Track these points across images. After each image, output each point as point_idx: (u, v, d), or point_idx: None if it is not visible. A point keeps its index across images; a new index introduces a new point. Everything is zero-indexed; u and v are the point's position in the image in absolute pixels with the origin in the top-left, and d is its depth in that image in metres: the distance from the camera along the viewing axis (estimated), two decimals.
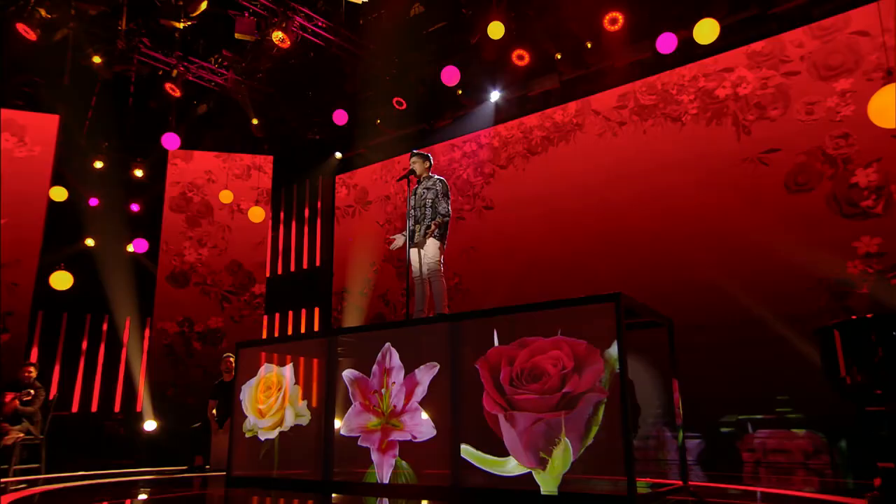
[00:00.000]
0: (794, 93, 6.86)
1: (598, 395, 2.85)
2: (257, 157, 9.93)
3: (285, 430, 4.26)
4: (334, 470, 3.84)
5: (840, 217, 6.40)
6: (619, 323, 2.88)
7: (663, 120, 7.66)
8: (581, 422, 2.87)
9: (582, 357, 2.93)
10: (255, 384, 4.54)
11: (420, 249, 4.71)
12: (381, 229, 9.89)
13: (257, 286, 9.41)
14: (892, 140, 6.28)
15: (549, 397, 3.02)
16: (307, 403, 4.17)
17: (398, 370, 3.65)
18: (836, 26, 6.81)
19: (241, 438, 4.52)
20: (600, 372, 2.85)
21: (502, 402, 3.22)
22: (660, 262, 7.26)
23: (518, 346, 3.24)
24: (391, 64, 8.57)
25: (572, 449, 2.88)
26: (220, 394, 6.59)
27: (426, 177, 5.01)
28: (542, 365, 3.10)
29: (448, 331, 3.50)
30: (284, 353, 4.60)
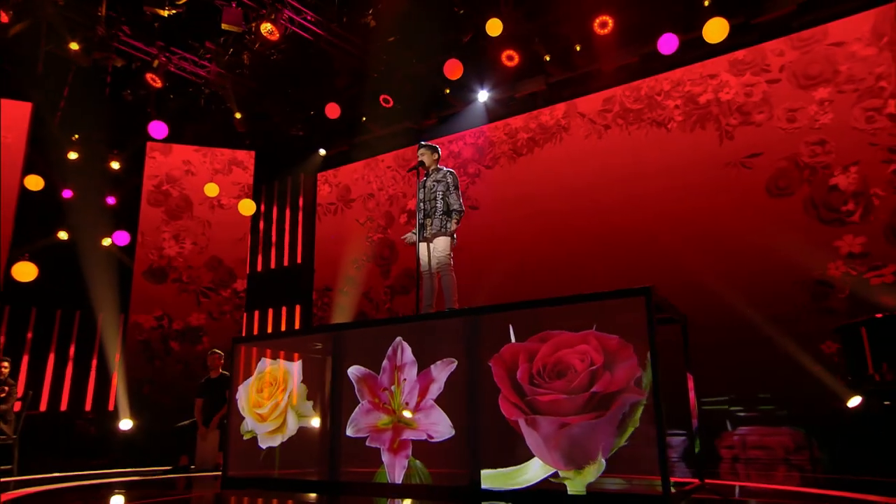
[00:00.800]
0: (775, 100, 6.91)
1: (634, 396, 2.69)
2: (239, 151, 9.57)
3: (289, 436, 3.97)
4: (341, 470, 3.60)
5: (818, 222, 6.47)
6: (651, 317, 2.75)
7: (648, 124, 7.64)
8: (614, 424, 2.71)
9: (613, 352, 2.78)
10: (252, 383, 4.25)
11: (429, 244, 4.52)
12: (362, 228, 9.64)
13: (238, 283, 9.03)
14: (869, 147, 6.38)
15: (577, 397, 2.85)
16: (312, 404, 3.90)
17: (411, 366, 3.45)
18: (814, 38, 6.89)
19: (237, 438, 4.23)
20: (635, 369, 2.70)
21: (522, 406, 3.03)
22: (644, 263, 7.22)
23: (539, 340, 3.07)
24: (379, 61, 8.34)
25: (604, 451, 2.73)
26: (207, 392, 6.25)
27: (435, 169, 4.82)
28: (567, 360, 2.93)
29: (464, 325, 3.31)
30: (278, 349, 4.34)
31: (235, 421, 4.24)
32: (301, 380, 3.98)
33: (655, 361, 2.69)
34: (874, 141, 6.36)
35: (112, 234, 9.01)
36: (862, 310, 6.14)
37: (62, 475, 5.35)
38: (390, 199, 9.50)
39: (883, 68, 6.50)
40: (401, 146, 9.46)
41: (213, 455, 5.87)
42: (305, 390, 3.95)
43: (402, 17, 7.69)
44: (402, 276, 9.07)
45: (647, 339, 2.74)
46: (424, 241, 4.55)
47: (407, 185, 9.38)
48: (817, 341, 6.17)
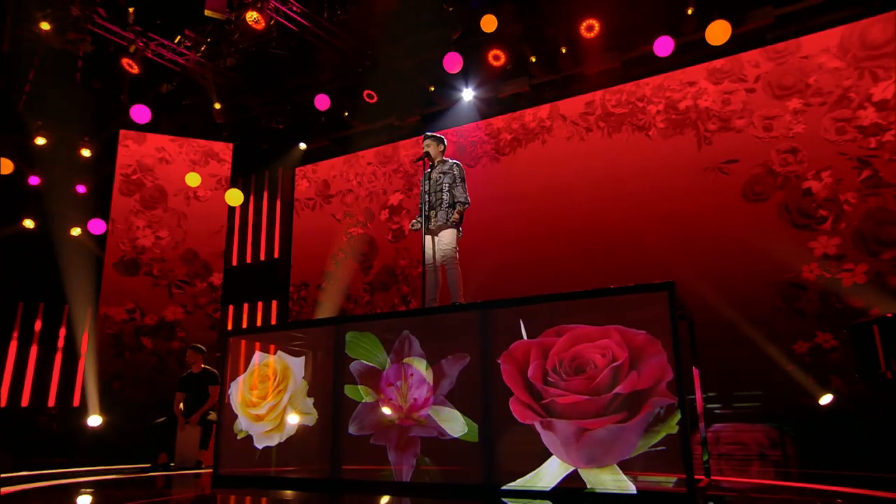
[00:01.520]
0: (751, 108, 7.02)
1: (666, 399, 2.59)
2: (216, 143, 9.20)
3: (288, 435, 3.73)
4: (343, 468, 3.42)
5: (792, 227, 6.59)
6: (673, 313, 2.68)
7: (629, 127, 7.66)
8: (642, 427, 2.60)
9: (639, 348, 2.69)
10: (244, 379, 4.01)
11: (434, 236, 4.37)
12: (341, 224, 9.41)
13: (215, 276, 8.68)
14: (839, 156, 6.55)
15: (599, 398, 2.74)
16: (314, 401, 3.68)
17: (419, 360, 3.30)
18: (788, 50, 7.03)
19: (229, 434, 3.99)
20: (665, 368, 2.61)
21: (537, 408, 2.91)
22: (623, 263, 7.22)
23: (554, 334, 2.96)
24: (364, 56, 8.14)
25: (628, 452, 2.63)
26: (188, 386, 5.94)
27: (440, 160, 4.67)
28: (586, 354, 2.82)
29: (477, 320, 3.18)
30: (274, 342, 4.11)
31: (228, 418, 4.01)
32: (303, 376, 3.77)
33: (678, 358, 2.62)
34: (844, 150, 6.52)
35: (82, 223, 8.52)
36: (832, 311, 6.31)
37: (36, 474, 4.98)
38: (370, 195, 9.29)
39: (850, 82, 6.67)
40: (382, 143, 9.26)
41: (194, 452, 5.58)
42: (306, 387, 3.74)
43: (390, 11, 7.52)
44: (382, 272, 8.88)
45: (668, 335, 2.67)
46: (429, 233, 4.40)
47: (388, 182, 9.20)
48: (790, 342, 6.30)
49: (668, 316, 2.68)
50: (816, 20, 6.98)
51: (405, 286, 8.70)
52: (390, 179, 9.20)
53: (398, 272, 8.80)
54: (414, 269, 8.67)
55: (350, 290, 8.87)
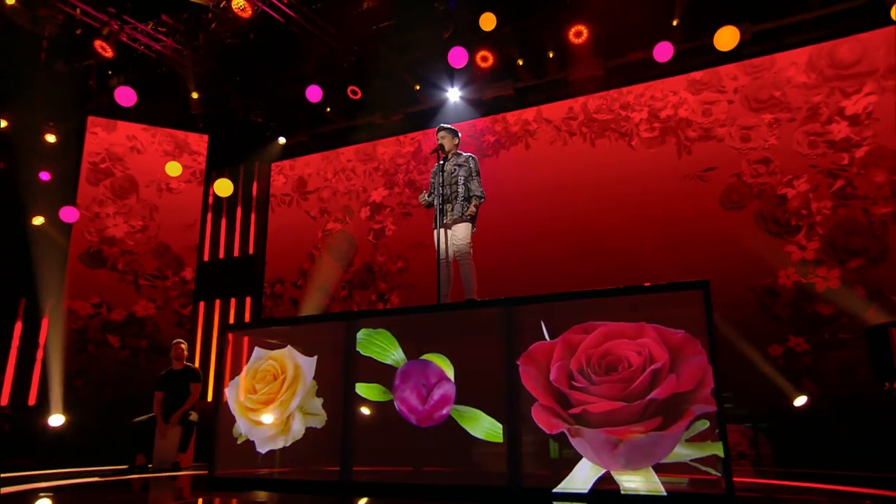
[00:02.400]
0: (729, 120, 7.15)
1: (708, 407, 2.48)
2: (191, 134, 8.76)
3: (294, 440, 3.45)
4: (353, 470, 3.21)
5: (768, 235, 6.73)
6: (709, 312, 2.61)
7: (612, 134, 7.69)
8: (681, 435, 2.49)
9: (677, 348, 2.60)
10: (244, 379, 3.72)
11: (448, 230, 4.20)
12: (318, 221, 9.12)
13: (187, 271, 8.24)
14: (811, 169, 6.72)
15: (633, 405, 2.59)
16: (323, 402, 3.44)
17: (441, 358, 3.12)
18: (763, 66, 7.20)
19: (227, 436, 3.71)
20: (706, 370, 2.51)
21: (564, 415, 2.76)
22: (604, 266, 7.21)
23: (582, 331, 2.83)
24: (350, 51, 7.90)
25: (664, 456, 2.52)
26: (169, 385, 5.56)
27: (455, 153, 4.50)
28: (618, 351, 2.69)
29: (501, 317, 3.04)
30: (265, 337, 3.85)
31: (225, 421, 3.71)
32: (313, 376, 3.52)
33: (715, 359, 2.55)
34: (815, 163, 6.71)
35: (45, 212, 7.93)
36: (805, 316, 6.47)
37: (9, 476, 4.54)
38: (349, 193, 9.04)
39: (819, 98, 6.87)
40: (363, 140, 9.03)
41: (173, 454, 5.22)
42: (316, 387, 3.50)
43: (379, 7, 7.32)
44: (361, 270, 8.64)
45: (705, 335, 2.59)
46: (443, 227, 4.22)
47: (368, 180, 8.97)
48: (765, 344, 6.42)
49: (704, 315, 2.61)
50: (790, 38, 7.17)
51: (382, 283, 8.48)
52: (371, 177, 8.97)
53: (376, 269, 8.57)
54: (392, 265, 8.47)
55: (329, 287, 8.59)
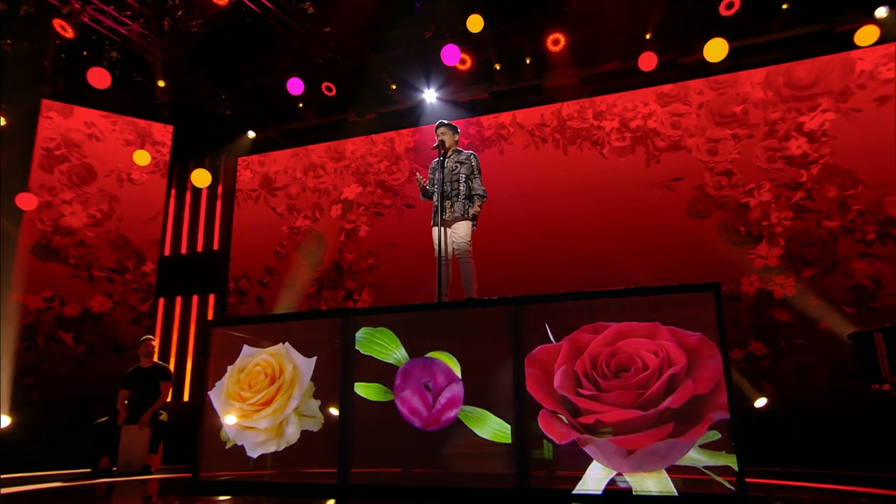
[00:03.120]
0: (695, 132, 7.36)
1: (724, 414, 2.45)
2: (155, 124, 8.31)
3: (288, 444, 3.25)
4: (351, 472, 3.05)
5: (730, 244, 6.95)
6: (720, 314, 2.62)
7: (585, 142, 7.78)
8: (696, 441, 2.47)
9: (693, 350, 2.58)
10: (231, 380, 3.48)
11: (447, 228, 4.08)
12: (286, 218, 8.83)
13: (147, 266, 7.80)
14: (770, 182, 7.00)
15: (648, 413, 2.54)
16: (320, 404, 3.25)
17: (447, 356, 3.02)
18: (727, 82, 7.45)
19: (212, 438, 3.47)
20: (721, 375, 2.49)
21: (575, 424, 2.69)
22: (573, 271, 7.30)
23: (592, 330, 2.79)
24: (325, 47, 7.68)
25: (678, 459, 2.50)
26: (136, 383, 5.20)
27: (455, 150, 4.40)
28: (631, 350, 2.64)
29: (508, 316, 2.96)
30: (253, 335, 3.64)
31: (210, 421, 3.48)
32: (311, 377, 3.32)
33: (727, 361, 2.57)
34: (774, 177, 6.98)
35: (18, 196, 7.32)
36: (764, 322, 6.71)
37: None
38: (319, 191, 8.79)
39: (777, 115, 7.16)
40: (334, 138, 8.81)
41: (142, 456, 4.87)
42: (313, 388, 3.31)
43: (358, 4, 7.15)
44: (330, 269, 8.41)
45: (716, 338, 2.60)
46: (443, 224, 4.11)
47: (339, 178, 8.75)
48: (728, 348, 6.60)
49: (716, 317, 2.62)
50: (752, 58, 7.44)
51: (350, 281, 8.29)
52: (341, 175, 8.76)
53: (345, 267, 8.37)
54: (363, 262, 8.29)
55: (297, 286, 8.32)
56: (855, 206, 6.63)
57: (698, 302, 2.70)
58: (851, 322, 6.19)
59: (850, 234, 6.55)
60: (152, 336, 5.55)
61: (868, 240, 6.51)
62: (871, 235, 6.52)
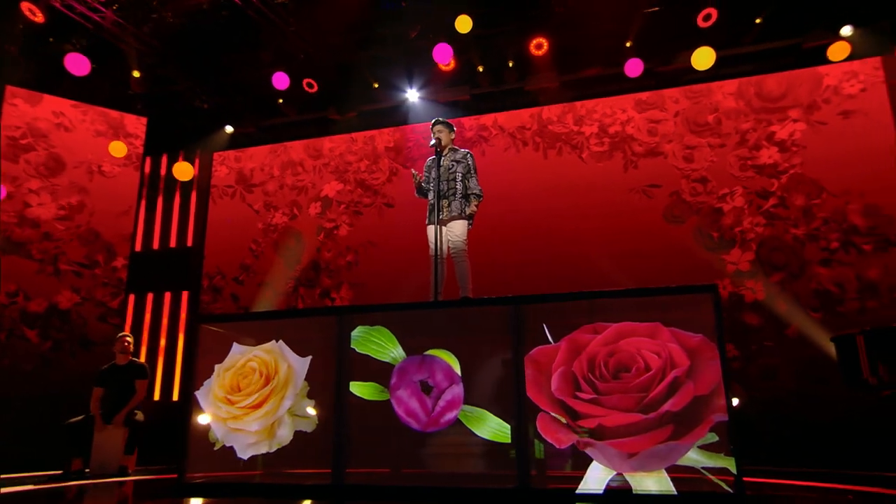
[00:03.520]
0: (671, 139, 7.50)
1: (723, 416, 2.47)
2: (128, 115, 8.02)
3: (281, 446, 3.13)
4: (346, 472, 2.97)
5: (704, 250, 7.10)
6: (719, 316, 2.64)
7: (563, 146, 7.85)
8: (696, 443, 2.48)
9: (695, 352, 2.60)
10: (220, 380, 3.34)
11: (443, 226, 4.01)
12: (262, 215, 8.64)
13: (118, 261, 7.50)
14: (743, 190, 7.18)
15: (650, 417, 2.55)
16: (314, 403, 3.14)
17: (447, 354, 2.97)
18: (702, 92, 7.62)
19: (199, 439, 3.33)
20: (720, 375, 2.51)
21: (574, 426, 2.68)
22: (550, 274, 7.33)
23: (591, 330, 2.78)
24: (308, 43, 7.54)
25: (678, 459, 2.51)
26: (110, 381, 4.97)
27: (451, 148, 4.34)
28: (632, 350, 2.64)
29: (508, 315, 2.93)
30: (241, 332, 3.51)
31: (197, 422, 3.34)
32: (305, 377, 3.22)
33: (726, 362, 2.59)
34: (746, 185, 7.17)
35: None
36: (735, 326, 6.88)
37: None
38: (297, 189, 8.63)
39: (748, 126, 7.36)
40: (314, 135, 8.67)
41: (117, 457, 4.66)
42: (307, 388, 3.21)
43: (343, 1, 7.04)
44: (308, 268, 8.26)
45: (713, 338, 2.63)
46: (439, 223, 4.04)
47: (318, 176, 8.61)
48: None
49: (714, 319, 2.65)
50: (726, 69, 7.62)
51: (327, 278, 8.16)
52: (320, 173, 8.62)
53: (322, 265, 8.24)
54: (341, 259, 8.17)
55: (274, 284, 8.14)
56: (820, 214, 6.85)
57: (696, 303, 2.72)
58: (819, 326, 6.41)
59: (815, 241, 6.77)
60: (128, 333, 5.32)
61: (832, 248, 6.74)
62: (834, 244, 6.75)
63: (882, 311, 6.35)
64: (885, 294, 6.47)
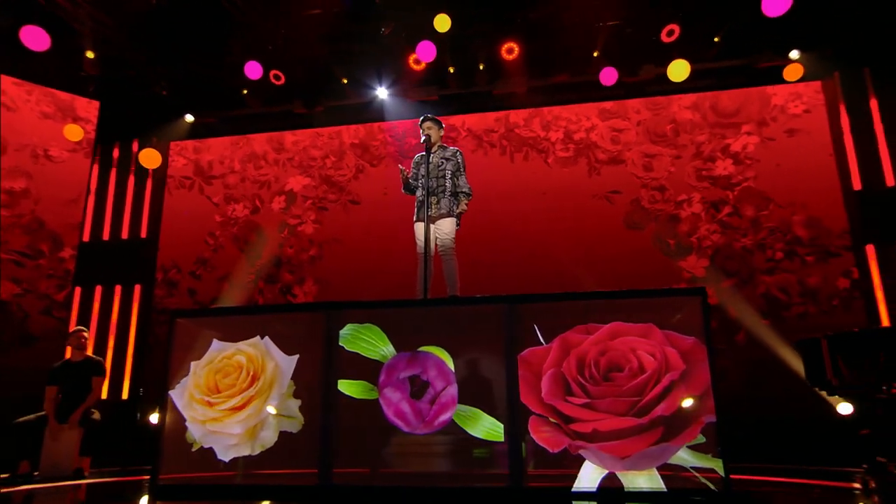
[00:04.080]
0: (633, 148, 7.71)
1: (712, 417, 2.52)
2: (79, 98, 7.53)
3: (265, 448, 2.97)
4: (333, 472, 2.86)
5: (662, 255, 7.33)
6: (706, 319, 2.71)
7: (530, 150, 7.93)
8: (686, 443, 2.53)
9: (688, 354, 2.65)
10: (198, 379, 3.14)
11: (431, 224, 3.93)
12: (221, 208, 8.31)
13: (65, 251, 7.02)
14: (699, 198, 7.47)
15: (643, 421, 2.57)
16: (300, 404, 3.00)
17: (441, 351, 2.91)
18: (661, 104, 7.88)
19: (176, 439, 3.13)
20: (708, 377, 2.57)
21: (567, 430, 2.68)
22: (512, 275, 7.38)
23: (583, 331, 2.79)
24: (277, 34, 7.30)
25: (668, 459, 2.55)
26: (64, 379, 4.60)
27: (441, 146, 4.25)
28: (624, 348, 2.67)
29: (504, 314, 2.91)
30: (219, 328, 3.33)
31: (175, 424, 3.13)
32: (291, 376, 3.06)
33: (714, 364, 2.66)
34: (702, 195, 7.46)
35: None
36: None
37: None
38: (259, 182, 8.35)
39: (703, 138, 7.67)
40: (279, 129, 8.40)
41: (71, 459, 4.32)
42: (293, 388, 3.06)
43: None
44: (269, 262, 7.99)
45: (702, 341, 2.69)
46: (429, 220, 3.95)
47: (281, 171, 8.36)
48: None
49: (702, 321, 2.72)
50: (685, 84, 7.89)
51: (288, 274, 7.93)
52: (284, 168, 8.37)
53: (284, 259, 8.00)
54: (304, 254, 7.96)
55: (234, 278, 7.83)
56: (767, 225, 7.21)
57: (685, 306, 2.79)
58: (767, 330, 6.73)
59: (762, 250, 7.11)
60: (84, 327, 4.96)
61: (777, 258, 7.09)
62: (779, 254, 7.11)
63: (821, 318, 6.75)
64: (823, 301, 6.87)
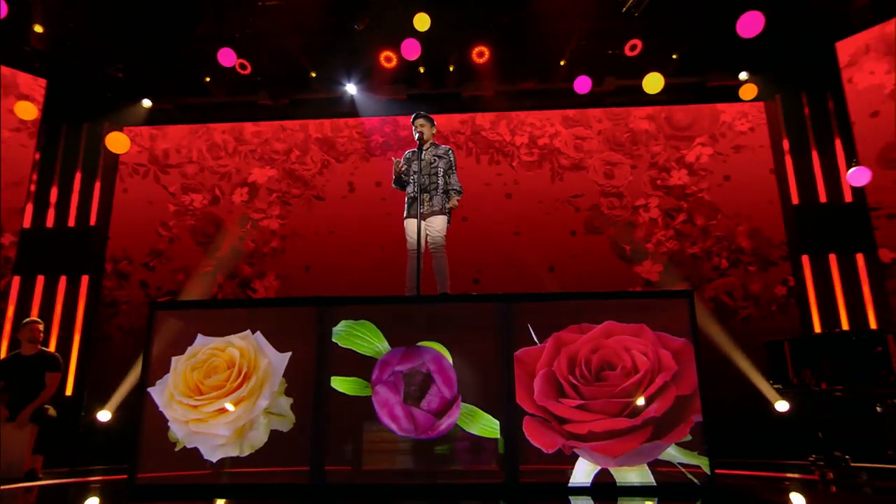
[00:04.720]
0: (594, 155, 7.92)
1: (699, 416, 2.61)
2: (23, 74, 6.99)
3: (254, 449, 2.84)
4: (326, 470, 2.77)
5: (619, 259, 7.57)
6: (693, 320, 2.81)
7: (495, 153, 8.00)
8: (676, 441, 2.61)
9: (679, 354, 2.73)
10: (175, 377, 2.96)
11: (423, 221, 3.85)
12: (178, 198, 7.93)
13: (6, 237, 6.49)
14: (655, 206, 7.76)
15: (633, 421, 2.64)
16: (292, 402, 2.86)
17: (440, 346, 2.87)
18: (622, 115, 8.14)
19: (156, 438, 2.93)
20: (695, 377, 2.66)
21: (561, 431, 2.72)
22: (476, 275, 7.44)
23: (577, 331, 2.84)
24: (246, 23, 7.04)
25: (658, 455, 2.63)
26: (15, 373, 4.23)
27: (433, 143, 4.19)
28: (618, 347, 2.73)
29: (500, 313, 2.91)
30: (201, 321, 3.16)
31: (155, 423, 2.93)
32: (283, 373, 2.93)
33: (700, 364, 2.76)
34: (658, 203, 7.76)
35: None
36: None
37: None
38: (219, 174, 8.02)
39: (658, 149, 7.98)
40: (241, 119, 8.10)
41: (25, 459, 3.98)
42: (285, 385, 2.93)
43: None
44: (228, 255, 7.69)
45: (690, 341, 2.79)
46: (420, 217, 3.88)
47: (244, 162, 8.06)
48: None
49: (690, 323, 2.82)
50: (643, 97, 8.18)
51: (247, 267, 7.66)
52: (246, 160, 8.08)
53: (245, 252, 7.73)
54: (265, 247, 7.71)
55: (190, 271, 7.48)
56: (715, 233, 7.57)
57: (673, 307, 2.88)
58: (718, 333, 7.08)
59: (710, 256, 7.47)
60: (39, 319, 4.58)
61: (722, 267, 7.47)
62: (724, 263, 7.49)
63: (762, 322, 7.16)
64: (764, 307, 7.29)
